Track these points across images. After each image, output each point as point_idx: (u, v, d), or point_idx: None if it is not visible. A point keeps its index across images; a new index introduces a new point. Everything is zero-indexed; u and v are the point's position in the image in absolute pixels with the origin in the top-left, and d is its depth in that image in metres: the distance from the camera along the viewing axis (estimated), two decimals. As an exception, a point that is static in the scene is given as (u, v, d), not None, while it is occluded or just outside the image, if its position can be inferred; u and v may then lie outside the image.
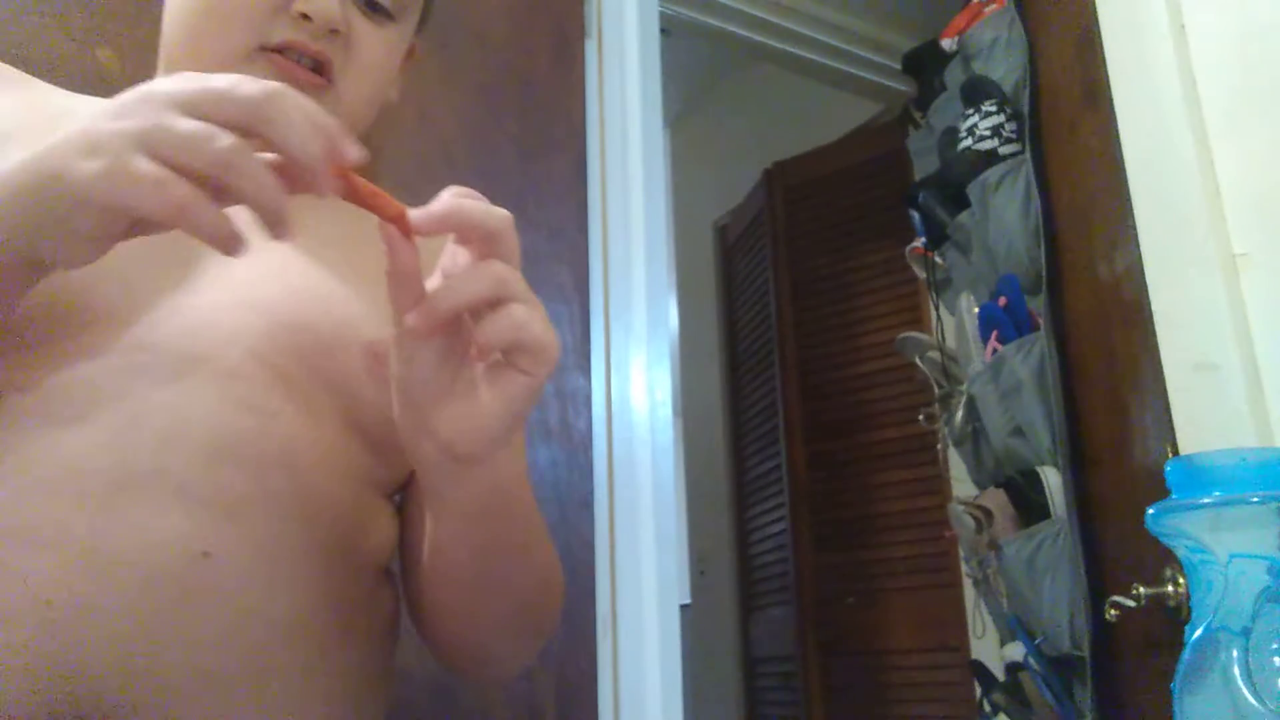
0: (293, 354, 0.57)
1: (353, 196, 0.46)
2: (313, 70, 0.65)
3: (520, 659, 0.70)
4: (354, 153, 0.45)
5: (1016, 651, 1.57)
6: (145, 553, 0.48)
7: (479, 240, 0.46)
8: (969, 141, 1.69)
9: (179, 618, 0.48)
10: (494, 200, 0.48)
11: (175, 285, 0.57)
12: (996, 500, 1.61)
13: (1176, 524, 0.59)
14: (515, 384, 0.47)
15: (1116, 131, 1.09)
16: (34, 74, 1.08)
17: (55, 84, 1.08)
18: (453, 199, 0.47)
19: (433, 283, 0.47)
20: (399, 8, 0.69)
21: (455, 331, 0.47)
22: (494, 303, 0.46)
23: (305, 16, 0.63)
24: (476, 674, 0.73)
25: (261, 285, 0.59)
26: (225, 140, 0.42)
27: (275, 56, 0.64)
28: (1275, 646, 0.54)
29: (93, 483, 0.49)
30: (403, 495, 0.67)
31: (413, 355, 0.47)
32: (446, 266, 0.47)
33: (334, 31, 0.64)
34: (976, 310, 1.70)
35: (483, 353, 0.47)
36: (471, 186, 0.49)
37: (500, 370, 0.47)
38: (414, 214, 0.46)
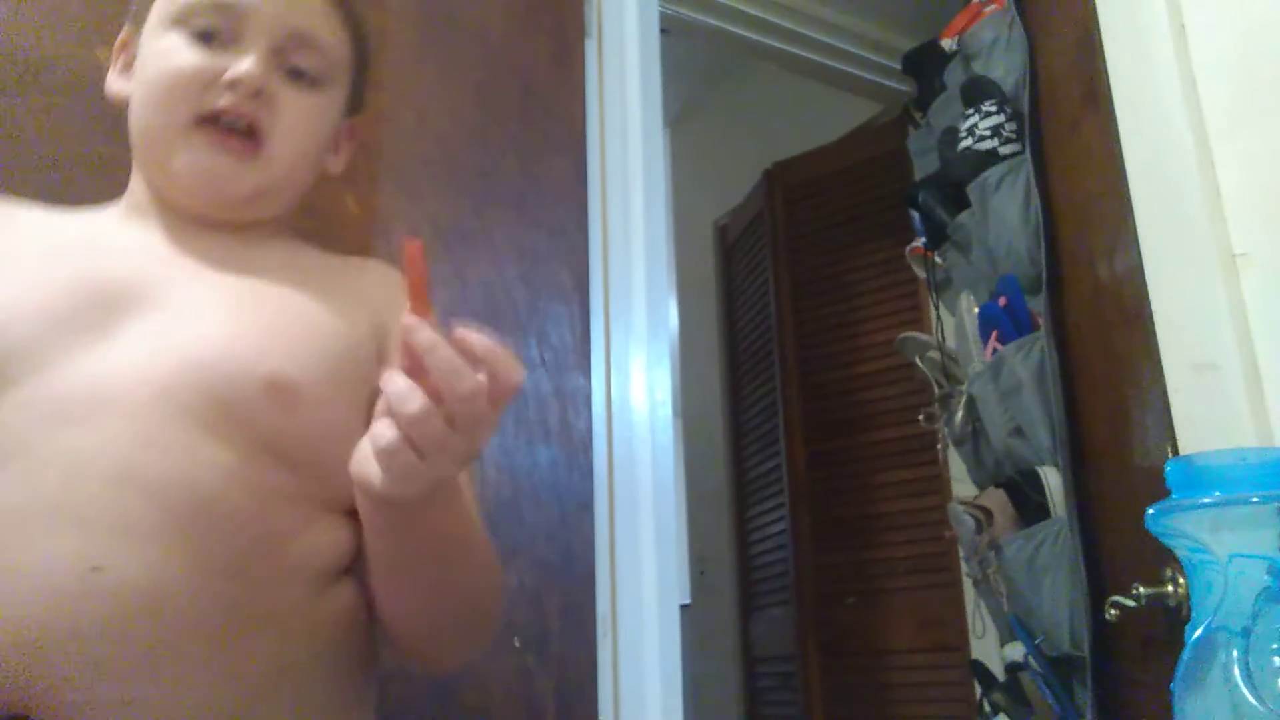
0: (198, 390, 0.66)
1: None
2: (245, 133, 0.75)
3: (465, 648, 0.80)
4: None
5: (1016, 651, 1.57)
6: (45, 571, 0.58)
7: None
8: (969, 141, 1.69)
9: (74, 621, 0.58)
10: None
11: (91, 342, 0.67)
12: (996, 500, 1.61)
13: (1176, 524, 0.59)
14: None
15: (1116, 131, 1.09)
16: (34, 74, 1.08)
17: (55, 83, 1.08)
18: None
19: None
20: (321, 75, 0.79)
21: None
22: None
23: (232, 84, 0.73)
24: (427, 664, 0.81)
25: (174, 333, 0.69)
26: None
27: (209, 127, 0.74)
28: (1275, 646, 0.54)
29: (6, 518, 0.60)
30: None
31: None
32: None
33: (258, 93, 0.74)
34: (976, 310, 1.70)
35: None
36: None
37: None
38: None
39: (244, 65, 0.73)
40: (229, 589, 0.63)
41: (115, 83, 0.81)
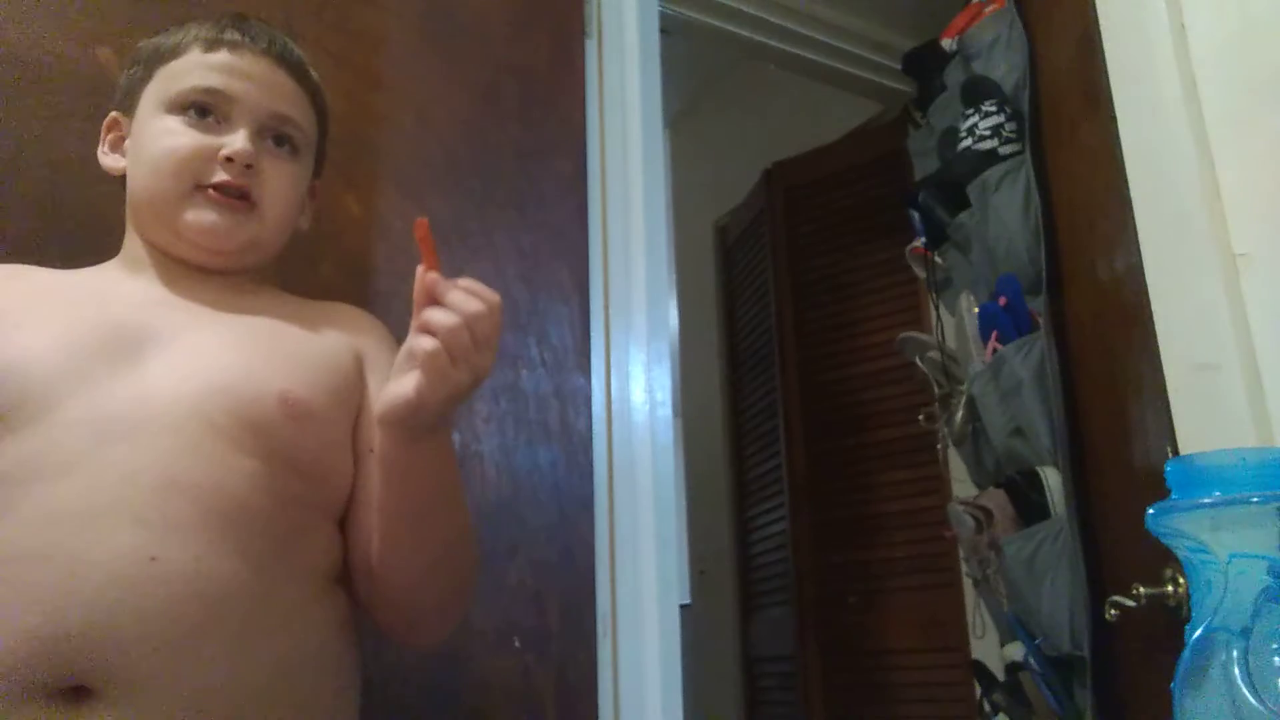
0: (224, 409, 0.77)
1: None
2: (240, 198, 0.87)
3: (446, 613, 0.89)
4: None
5: (1016, 651, 1.57)
6: (108, 560, 0.68)
7: None
8: (969, 141, 1.69)
9: (137, 603, 0.68)
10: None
11: (121, 371, 0.77)
12: (996, 500, 1.61)
13: (1176, 524, 0.59)
14: None
15: (1116, 131, 1.09)
16: (34, 74, 1.08)
17: (56, 83, 1.08)
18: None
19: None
20: (298, 145, 0.92)
21: None
22: None
23: (229, 159, 0.85)
24: (412, 634, 0.89)
25: (194, 363, 0.80)
26: None
27: (211, 192, 0.86)
28: (1275, 646, 0.54)
29: (74, 517, 0.70)
30: (347, 507, 0.86)
31: None
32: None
33: (249, 166, 0.86)
34: (976, 310, 1.71)
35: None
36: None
37: None
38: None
39: (237, 143, 0.86)
40: (257, 581, 0.74)
41: (106, 159, 0.93)
